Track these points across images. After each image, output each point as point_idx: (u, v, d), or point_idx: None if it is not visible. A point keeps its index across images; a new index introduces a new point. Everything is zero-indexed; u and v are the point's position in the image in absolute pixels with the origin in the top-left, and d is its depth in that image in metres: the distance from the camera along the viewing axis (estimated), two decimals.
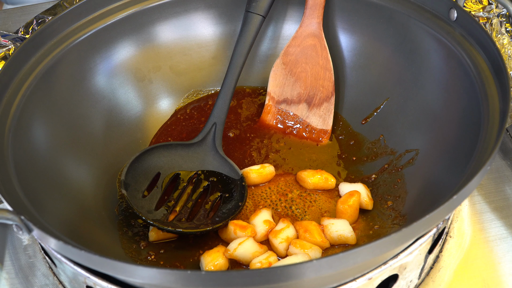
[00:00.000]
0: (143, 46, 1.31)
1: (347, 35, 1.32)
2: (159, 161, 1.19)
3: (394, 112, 1.23)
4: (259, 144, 1.29)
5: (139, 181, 1.15)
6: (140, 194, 1.14)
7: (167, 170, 1.19)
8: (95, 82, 1.25)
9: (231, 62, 1.26)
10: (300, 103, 1.32)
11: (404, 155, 1.17)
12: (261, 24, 1.28)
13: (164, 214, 1.13)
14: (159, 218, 1.11)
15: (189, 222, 1.12)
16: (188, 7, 1.33)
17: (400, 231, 0.80)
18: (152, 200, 1.14)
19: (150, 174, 1.18)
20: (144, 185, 1.16)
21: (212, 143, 1.23)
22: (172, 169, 1.20)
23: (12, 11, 1.72)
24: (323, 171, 1.20)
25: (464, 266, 1.08)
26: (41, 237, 0.86)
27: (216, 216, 1.13)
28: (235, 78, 1.25)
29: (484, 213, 1.16)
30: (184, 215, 1.13)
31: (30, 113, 1.10)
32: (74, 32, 1.22)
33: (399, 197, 1.13)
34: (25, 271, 1.11)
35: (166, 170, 1.19)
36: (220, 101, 1.24)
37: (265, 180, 1.21)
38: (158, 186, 1.17)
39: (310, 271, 0.78)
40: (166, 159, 1.20)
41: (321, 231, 1.09)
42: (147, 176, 1.17)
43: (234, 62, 1.25)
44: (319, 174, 1.19)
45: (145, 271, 0.79)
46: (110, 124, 1.25)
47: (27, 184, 0.99)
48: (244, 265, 1.07)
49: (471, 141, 0.99)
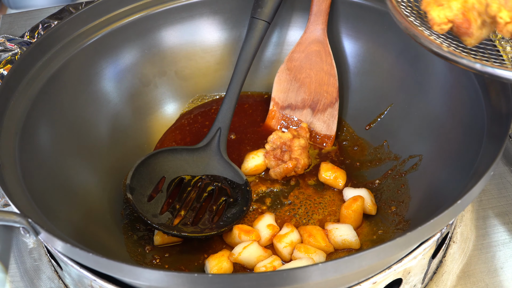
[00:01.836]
0: (149, 51, 1.32)
1: (351, 41, 1.33)
2: (164, 165, 1.20)
3: (398, 118, 1.24)
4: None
5: (144, 185, 1.16)
6: (145, 198, 1.15)
7: (171, 174, 1.20)
8: (101, 86, 1.26)
9: (236, 67, 1.26)
10: (304, 108, 1.32)
11: (407, 160, 1.18)
12: (266, 30, 1.28)
13: (169, 218, 1.13)
14: (164, 222, 1.12)
15: (194, 227, 1.12)
16: (193, 12, 1.34)
17: (405, 236, 0.80)
18: (157, 204, 1.15)
19: (155, 178, 1.18)
20: (149, 189, 1.16)
21: (216, 147, 1.23)
22: (176, 173, 1.20)
23: (18, 15, 1.73)
24: (342, 171, 1.21)
25: (466, 271, 1.08)
26: (48, 239, 0.86)
27: (221, 221, 1.14)
28: (239, 84, 1.26)
29: (487, 218, 1.16)
30: (189, 219, 1.14)
31: (36, 117, 1.11)
32: (81, 37, 1.23)
33: (403, 202, 1.13)
34: (30, 274, 1.11)
35: (170, 174, 1.20)
36: (225, 106, 1.25)
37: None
38: (163, 190, 1.17)
39: (316, 274, 0.78)
40: (171, 163, 1.21)
41: (325, 235, 1.10)
42: (152, 180, 1.18)
43: (239, 68, 1.26)
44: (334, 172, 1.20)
45: (151, 273, 0.80)
46: (116, 128, 1.25)
47: (33, 187, 0.99)
48: (248, 269, 1.07)
49: (474, 147, 0.99)
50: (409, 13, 1.00)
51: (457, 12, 0.91)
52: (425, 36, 0.94)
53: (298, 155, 1.20)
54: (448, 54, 0.91)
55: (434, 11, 0.92)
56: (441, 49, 0.92)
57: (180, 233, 1.09)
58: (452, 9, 0.92)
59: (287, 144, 1.21)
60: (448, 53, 0.91)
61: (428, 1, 0.94)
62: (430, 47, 0.93)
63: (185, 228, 1.12)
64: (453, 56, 0.91)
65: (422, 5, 0.95)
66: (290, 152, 1.20)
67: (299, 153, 1.20)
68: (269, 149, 1.23)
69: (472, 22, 0.91)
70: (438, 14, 0.92)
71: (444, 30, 0.93)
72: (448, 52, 0.91)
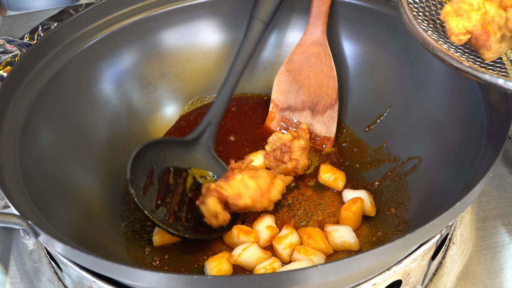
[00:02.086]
0: (149, 53, 1.32)
1: (351, 43, 1.33)
2: (154, 156, 1.19)
3: (398, 120, 1.24)
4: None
5: (139, 177, 1.15)
6: (141, 191, 1.14)
7: (160, 165, 1.19)
8: (100, 88, 1.26)
9: (233, 65, 1.27)
10: (304, 110, 1.32)
11: (407, 162, 1.18)
12: (264, 31, 1.29)
13: (164, 214, 1.13)
14: (162, 218, 1.12)
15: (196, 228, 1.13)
16: (192, 14, 1.34)
17: (405, 237, 0.80)
18: (151, 198, 1.15)
19: (146, 169, 1.18)
20: (142, 181, 1.16)
21: (205, 142, 1.24)
22: (164, 164, 1.20)
23: (18, 17, 1.73)
24: (341, 173, 1.21)
25: (466, 272, 1.08)
26: (48, 241, 0.87)
27: None
28: (234, 82, 1.27)
29: (487, 220, 1.16)
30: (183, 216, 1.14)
31: (36, 119, 1.11)
32: (80, 39, 1.23)
33: (402, 204, 1.13)
34: (30, 276, 1.11)
35: (159, 165, 1.19)
36: (218, 102, 1.26)
37: None
38: (154, 182, 1.17)
39: (316, 276, 0.79)
40: (160, 154, 1.20)
41: (324, 237, 1.10)
42: (143, 171, 1.17)
43: (236, 66, 1.27)
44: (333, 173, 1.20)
45: (151, 275, 0.80)
46: (115, 130, 1.26)
47: (33, 189, 0.99)
48: (248, 270, 1.07)
49: (474, 148, 0.99)
50: (426, 26, 0.98)
51: (476, 23, 0.90)
52: (444, 50, 0.92)
53: (298, 156, 1.20)
54: (470, 69, 0.89)
55: (453, 21, 0.91)
56: (462, 64, 0.90)
57: (186, 235, 1.10)
58: (471, 20, 0.90)
59: (287, 145, 1.21)
60: (469, 68, 0.89)
61: (447, 11, 0.93)
62: (450, 61, 0.91)
63: (189, 229, 1.12)
64: (474, 71, 0.89)
65: (441, 15, 0.93)
66: (290, 153, 1.21)
67: (299, 154, 1.20)
68: (269, 150, 1.23)
69: (491, 35, 0.90)
70: (457, 24, 0.91)
71: (461, 41, 0.91)
72: (469, 67, 0.89)
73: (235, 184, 1.10)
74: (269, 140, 1.25)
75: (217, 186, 1.10)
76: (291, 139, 1.22)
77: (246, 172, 1.12)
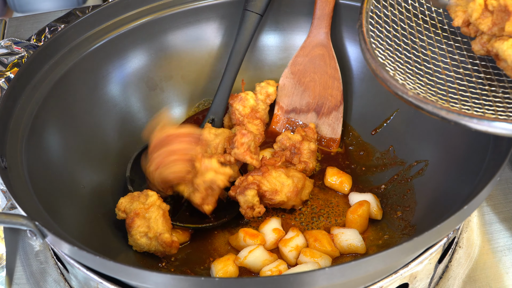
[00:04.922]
0: (155, 55, 1.32)
1: (356, 46, 1.33)
2: None
3: (404, 123, 1.24)
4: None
5: (142, 176, 1.15)
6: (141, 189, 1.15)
7: None
8: (107, 90, 1.26)
9: (229, 59, 1.28)
10: (309, 112, 1.33)
11: (413, 165, 1.18)
12: (259, 23, 1.29)
13: None
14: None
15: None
16: (199, 17, 1.34)
17: (412, 241, 0.80)
18: None
19: None
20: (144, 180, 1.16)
21: None
22: None
23: (24, 18, 1.74)
24: (348, 176, 1.21)
25: (472, 276, 1.08)
26: (55, 242, 0.87)
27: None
28: (233, 76, 1.28)
29: (493, 223, 1.16)
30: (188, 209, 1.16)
31: (43, 120, 1.11)
32: (87, 41, 1.23)
33: (409, 207, 1.13)
34: (36, 277, 1.11)
35: None
36: (219, 97, 1.28)
37: None
38: None
39: (323, 279, 0.79)
40: None
41: (331, 240, 1.10)
42: None
43: (232, 60, 1.28)
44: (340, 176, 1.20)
45: (158, 277, 0.80)
46: (122, 132, 1.26)
47: (40, 190, 1.00)
48: (254, 273, 1.07)
49: (480, 152, 0.99)
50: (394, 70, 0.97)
51: None
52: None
53: (307, 158, 1.20)
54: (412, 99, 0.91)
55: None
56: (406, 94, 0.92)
57: (199, 225, 1.12)
58: None
59: (296, 146, 1.22)
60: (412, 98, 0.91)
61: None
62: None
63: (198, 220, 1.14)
64: (418, 102, 0.90)
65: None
66: (299, 155, 1.21)
67: (308, 156, 1.20)
68: (277, 149, 1.24)
69: None
70: None
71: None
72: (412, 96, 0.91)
73: (272, 180, 1.12)
74: (277, 139, 1.25)
75: (256, 180, 1.11)
76: (300, 141, 1.22)
77: (280, 169, 1.14)
